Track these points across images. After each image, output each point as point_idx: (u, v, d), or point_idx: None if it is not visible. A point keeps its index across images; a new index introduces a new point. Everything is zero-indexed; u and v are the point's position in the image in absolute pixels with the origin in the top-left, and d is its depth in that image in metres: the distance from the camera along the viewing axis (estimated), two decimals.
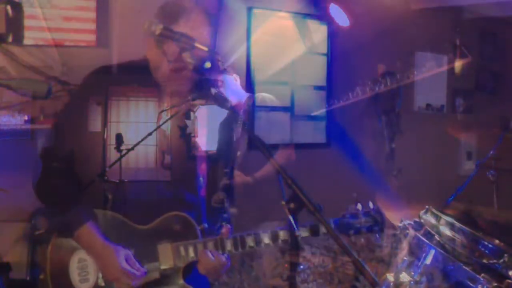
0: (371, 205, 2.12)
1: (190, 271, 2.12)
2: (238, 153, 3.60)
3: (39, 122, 3.26)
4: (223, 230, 2.10)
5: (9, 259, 2.91)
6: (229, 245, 2.07)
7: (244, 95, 3.78)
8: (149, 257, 2.06)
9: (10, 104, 3.20)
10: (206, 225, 2.18)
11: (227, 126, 2.24)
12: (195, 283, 2.13)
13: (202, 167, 2.21)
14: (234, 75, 2.16)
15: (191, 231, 2.10)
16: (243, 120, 1.96)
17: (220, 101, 1.94)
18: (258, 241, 2.07)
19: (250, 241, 2.07)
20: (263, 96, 4.14)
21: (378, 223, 2.10)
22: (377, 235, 2.10)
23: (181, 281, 2.09)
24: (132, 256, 2.04)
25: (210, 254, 2.06)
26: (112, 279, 2.02)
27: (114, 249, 2.01)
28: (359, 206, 2.10)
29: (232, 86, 2.13)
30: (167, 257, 2.06)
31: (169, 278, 2.08)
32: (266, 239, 2.07)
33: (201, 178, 2.20)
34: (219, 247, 2.07)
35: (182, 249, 2.06)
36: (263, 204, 2.06)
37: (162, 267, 2.06)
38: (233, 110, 1.95)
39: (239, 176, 3.67)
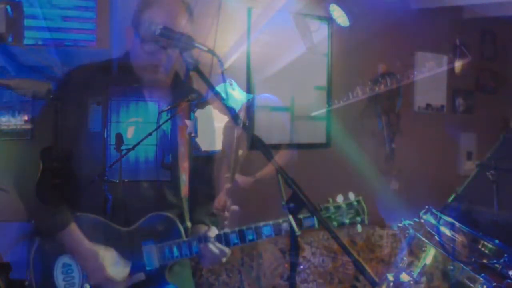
0: (352, 196, 2.10)
1: (171, 270, 2.11)
2: (240, 152, 3.61)
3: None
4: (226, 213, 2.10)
5: (9, 259, 2.91)
6: (213, 245, 2.07)
7: (244, 97, 3.78)
8: (134, 258, 2.05)
9: (10, 104, 3.20)
10: (189, 224, 2.18)
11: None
12: (178, 281, 2.13)
13: (184, 166, 2.20)
14: (229, 79, 2.15)
15: (174, 230, 2.10)
16: (244, 121, 1.96)
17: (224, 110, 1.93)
18: (242, 238, 2.06)
19: (233, 238, 2.07)
20: (264, 96, 4.13)
21: (359, 214, 2.09)
22: (359, 226, 2.08)
23: (168, 283, 2.09)
24: (116, 257, 2.03)
25: (213, 247, 2.06)
26: (97, 283, 2.02)
27: (100, 253, 2.01)
28: (340, 198, 2.09)
29: (230, 95, 2.11)
30: (152, 258, 2.05)
31: (155, 279, 2.08)
32: (250, 236, 2.06)
33: (183, 177, 2.19)
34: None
35: (167, 249, 2.06)
36: (263, 204, 2.04)
37: (148, 268, 2.05)
38: (234, 116, 1.92)
39: (240, 177, 3.68)
